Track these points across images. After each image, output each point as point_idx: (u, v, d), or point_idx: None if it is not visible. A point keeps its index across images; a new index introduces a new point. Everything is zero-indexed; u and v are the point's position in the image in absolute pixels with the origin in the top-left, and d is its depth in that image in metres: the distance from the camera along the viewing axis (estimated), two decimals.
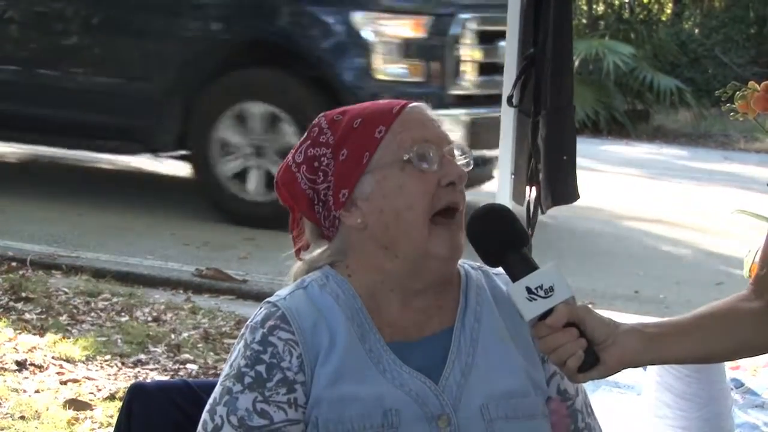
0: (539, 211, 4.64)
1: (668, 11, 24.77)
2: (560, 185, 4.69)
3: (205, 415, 2.31)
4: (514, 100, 4.71)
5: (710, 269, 8.92)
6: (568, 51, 4.75)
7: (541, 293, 2.18)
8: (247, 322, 2.38)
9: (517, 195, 4.74)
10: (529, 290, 2.19)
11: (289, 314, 2.32)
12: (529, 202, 4.67)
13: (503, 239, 2.27)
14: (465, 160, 2.40)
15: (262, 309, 2.36)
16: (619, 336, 2.22)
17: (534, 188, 4.66)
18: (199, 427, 2.31)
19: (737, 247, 4.92)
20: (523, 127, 4.71)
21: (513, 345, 2.40)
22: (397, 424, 2.26)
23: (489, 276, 2.48)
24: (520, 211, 4.56)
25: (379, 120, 2.37)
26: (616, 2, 21.36)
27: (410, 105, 2.41)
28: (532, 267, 2.22)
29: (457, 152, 2.39)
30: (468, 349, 2.37)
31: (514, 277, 2.22)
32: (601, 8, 20.62)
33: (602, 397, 3.36)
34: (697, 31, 22.99)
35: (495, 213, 2.31)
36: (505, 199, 4.70)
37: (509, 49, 4.82)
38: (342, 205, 2.36)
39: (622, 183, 12.26)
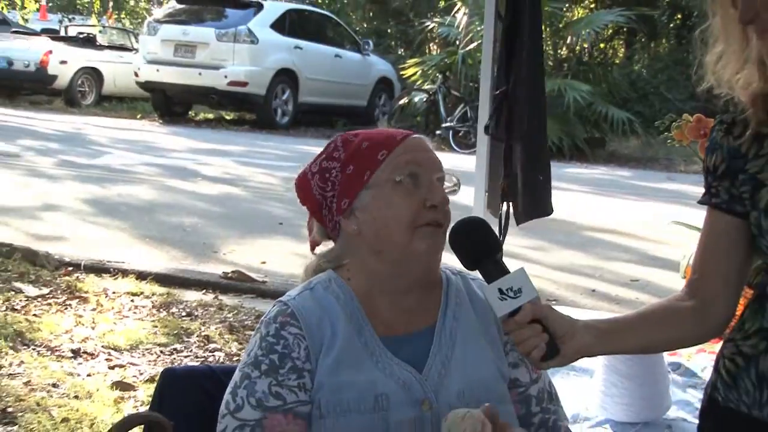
0: (513, 222, 4.67)
1: (621, 55, 24.79)
2: (537, 201, 4.71)
3: (227, 397, 2.31)
4: (490, 130, 4.73)
5: (654, 272, 8.93)
6: (542, 89, 4.77)
7: (511, 294, 2.18)
8: (262, 318, 2.39)
9: (494, 208, 4.76)
10: (500, 291, 2.18)
11: (297, 312, 2.34)
12: (501, 215, 4.69)
13: (480, 247, 2.26)
14: (451, 187, 2.42)
15: (275, 307, 2.38)
16: (576, 331, 2.22)
17: (508, 204, 4.69)
18: (222, 407, 2.31)
19: (675, 252, 4.93)
20: (497, 151, 4.73)
21: (485, 340, 2.42)
22: (387, 407, 2.27)
23: (466, 280, 2.49)
24: (494, 221, 4.58)
25: (383, 145, 2.38)
26: (577, 47, 21.35)
27: (413, 135, 2.43)
28: (504, 271, 2.21)
29: (446, 180, 2.41)
30: (448, 343, 2.38)
31: (489, 279, 2.21)
32: (564, 52, 20.63)
33: (560, 379, 3.36)
34: (645, 72, 22.99)
35: (473, 225, 2.30)
36: (480, 212, 4.71)
37: (483, 88, 4.84)
38: (342, 211, 2.38)
39: (583, 200, 12.26)
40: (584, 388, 3.41)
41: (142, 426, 2.39)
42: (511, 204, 4.69)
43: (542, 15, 4.87)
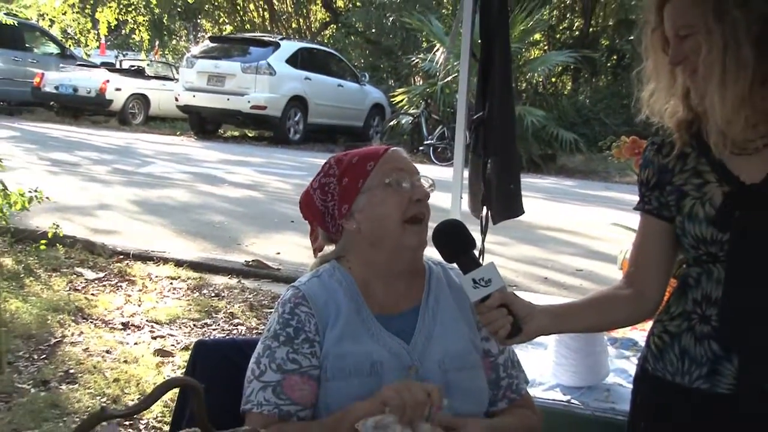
0: (490, 222, 4.68)
1: (568, 88, 24.80)
2: (510, 205, 4.72)
3: (251, 366, 2.32)
4: (471, 147, 4.73)
5: (595, 263, 8.93)
6: (513, 114, 4.78)
7: (483, 283, 2.19)
8: (279, 299, 2.39)
9: (475, 211, 4.76)
10: (474, 281, 2.19)
11: (308, 295, 2.34)
12: (482, 217, 4.71)
13: (457, 244, 2.27)
14: (429, 186, 2.42)
15: (290, 291, 2.38)
16: (535, 314, 2.24)
17: (487, 208, 4.71)
18: (248, 374, 2.32)
19: (613, 248, 4.94)
20: (477, 165, 4.73)
21: (461, 318, 2.41)
22: (381, 372, 2.27)
23: (446, 269, 2.49)
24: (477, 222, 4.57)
25: (370, 158, 2.39)
26: (534, 81, 21.36)
27: (392, 148, 2.44)
28: (477, 264, 2.22)
29: (423, 180, 2.41)
30: (430, 320, 2.38)
31: (465, 271, 2.22)
32: (523, 85, 20.66)
33: (520, 351, 3.34)
34: (587, 101, 23.00)
35: (452, 226, 2.31)
36: (456, 214, 4.70)
37: (459, 112, 4.83)
38: (344, 215, 2.38)
39: (537, 204, 12.23)
40: (539, 359, 3.40)
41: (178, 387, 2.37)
42: (485, 208, 4.70)
43: (511, 54, 4.85)
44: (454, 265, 2.30)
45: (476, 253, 2.30)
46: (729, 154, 2.22)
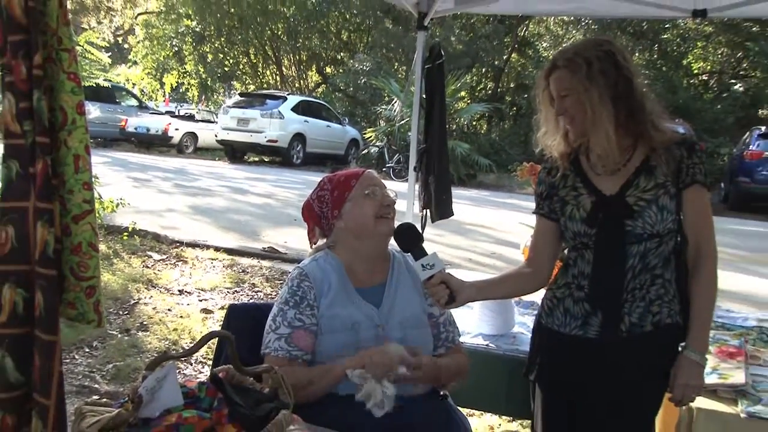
0: (430, 219, 4.70)
1: (485, 128, 24.90)
2: (443, 209, 4.74)
3: (269, 323, 2.29)
4: (417, 169, 4.73)
5: (505, 249, 8.96)
6: (446, 146, 4.81)
7: (429, 267, 2.19)
8: (288, 275, 2.36)
9: (421, 212, 4.78)
10: (422, 265, 2.20)
11: (309, 273, 2.31)
12: (421, 217, 4.72)
13: (411, 239, 2.26)
14: (393, 197, 2.39)
15: (296, 270, 2.34)
16: (465, 288, 2.24)
17: (426, 210, 4.74)
18: (266, 328, 2.28)
19: (517, 238, 4.96)
20: (421, 182, 4.76)
21: (414, 291, 2.39)
22: (358, 329, 2.25)
23: (404, 257, 2.46)
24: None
25: (353, 177, 2.37)
26: (461, 123, 21.38)
27: (368, 170, 2.42)
28: (424, 253, 2.22)
29: (389, 192, 2.39)
30: (393, 292, 2.36)
31: (416, 258, 2.22)
32: (454, 126, 20.67)
33: (456, 311, 3.34)
34: (497, 138, 23.09)
35: (407, 227, 2.30)
36: (410, 217, 4.70)
37: (412, 146, 4.83)
38: (335, 217, 2.35)
39: (464, 208, 12.22)
40: (468, 316, 3.39)
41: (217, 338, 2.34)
42: (427, 211, 4.73)
43: (446, 105, 4.91)
44: (409, 253, 2.30)
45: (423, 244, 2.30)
46: (596, 176, 2.25)
